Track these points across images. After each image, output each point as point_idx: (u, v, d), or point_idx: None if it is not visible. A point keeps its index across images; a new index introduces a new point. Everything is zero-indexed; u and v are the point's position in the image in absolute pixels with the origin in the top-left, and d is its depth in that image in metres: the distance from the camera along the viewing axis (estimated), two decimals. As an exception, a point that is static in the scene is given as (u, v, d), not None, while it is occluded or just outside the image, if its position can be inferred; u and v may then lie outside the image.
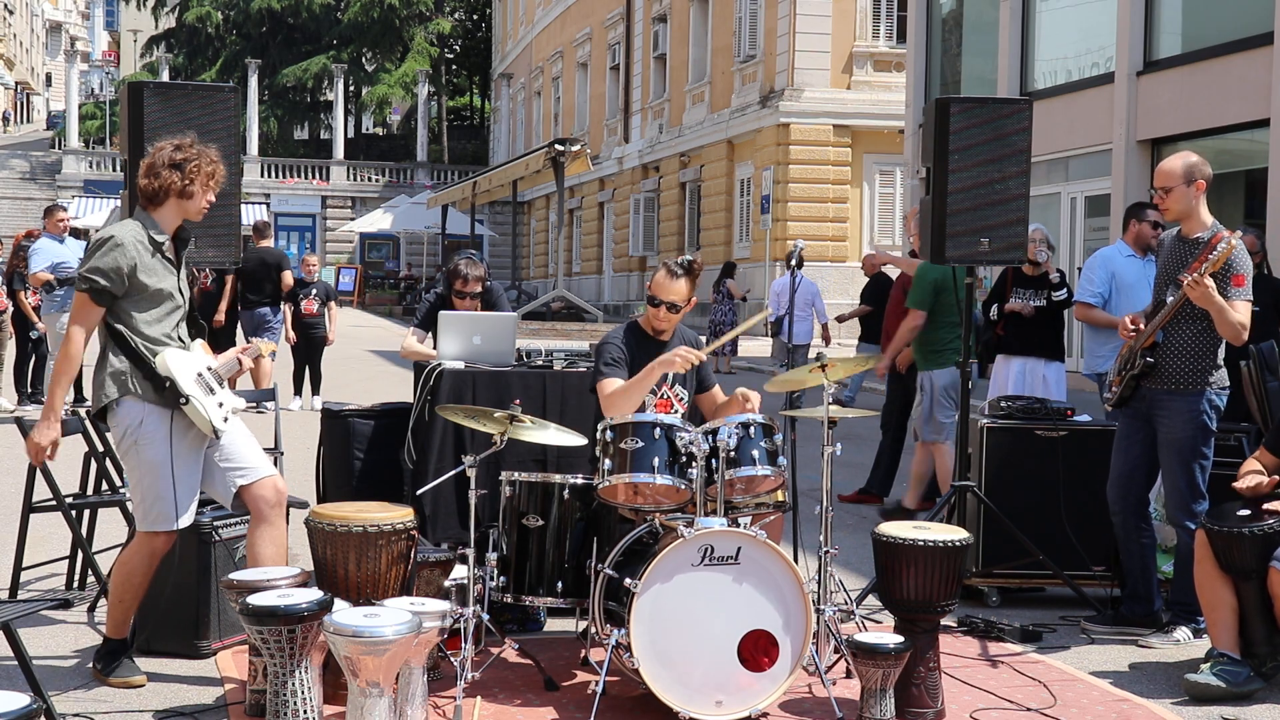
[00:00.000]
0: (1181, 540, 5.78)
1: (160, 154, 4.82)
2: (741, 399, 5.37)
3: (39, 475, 5.87)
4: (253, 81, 50.78)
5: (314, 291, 14.49)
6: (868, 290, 12.67)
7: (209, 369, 4.93)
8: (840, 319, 15.29)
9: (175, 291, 4.86)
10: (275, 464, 7.07)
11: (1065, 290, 8.23)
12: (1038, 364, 8.43)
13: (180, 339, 4.88)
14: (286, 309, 14.33)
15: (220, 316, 14.60)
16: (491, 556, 5.06)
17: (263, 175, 49.91)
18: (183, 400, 4.70)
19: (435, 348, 6.53)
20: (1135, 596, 5.98)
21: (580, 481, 5.12)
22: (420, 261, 44.54)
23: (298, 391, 14.66)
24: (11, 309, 13.65)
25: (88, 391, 12.93)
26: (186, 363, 4.83)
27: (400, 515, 4.78)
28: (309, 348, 14.50)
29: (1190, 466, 5.70)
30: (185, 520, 4.85)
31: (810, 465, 6.17)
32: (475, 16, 60.43)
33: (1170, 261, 5.81)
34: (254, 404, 8.80)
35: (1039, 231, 8.50)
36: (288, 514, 5.89)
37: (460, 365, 6.24)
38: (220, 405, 4.85)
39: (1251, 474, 5.46)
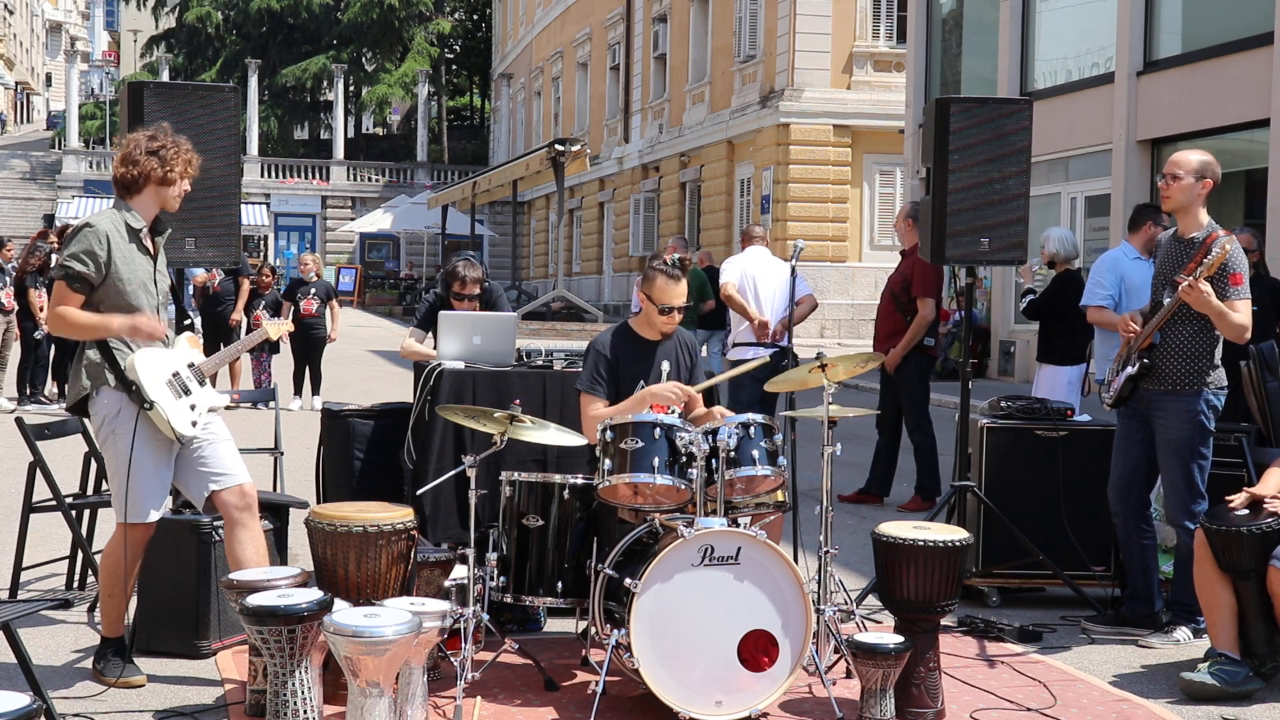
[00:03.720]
0: (1181, 540, 5.78)
1: (136, 143, 4.81)
2: (719, 415, 5.41)
3: (39, 475, 5.88)
4: (253, 81, 50.77)
5: (313, 291, 14.50)
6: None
7: (190, 366, 4.92)
8: None
9: (151, 281, 4.85)
10: (275, 464, 7.09)
11: (1026, 302, 8.36)
12: (1041, 368, 8.50)
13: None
14: (287, 307, 14.36)
15: (237, 315, 14.67)
16: (491, 556, 5.06)
17: (263, 175, 49.90)
18: (146, 406, 4.69)
19: (435, 348, 6.53)
20: (1136, 596, 5.98)
21: (580, 481, 5.12)
22: (420, 261, 44.54)
23: (298, 391, 14.67)
24: (18, 308, 13.67)
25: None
26: (159, 363, 4.81)
27: (400, 515, 4.78)
28: (309, 347, 14.51)
29: (1189, 466, 5.70)
30: (156, 514, 4.86)
31: (810, 465, 6.18)
32: (475, 16, 60.41)
33: (1167, 262, 5.81)
34: (253, 403, 8.82)
35: (1045, 238, 8.53)
36: (286, 514, 5.91)
37: (460, 365, 6.24)
38: (193, 408, 4.83)
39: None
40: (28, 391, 13.93)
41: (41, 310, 13.63)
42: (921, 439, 8.95)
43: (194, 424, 4.83)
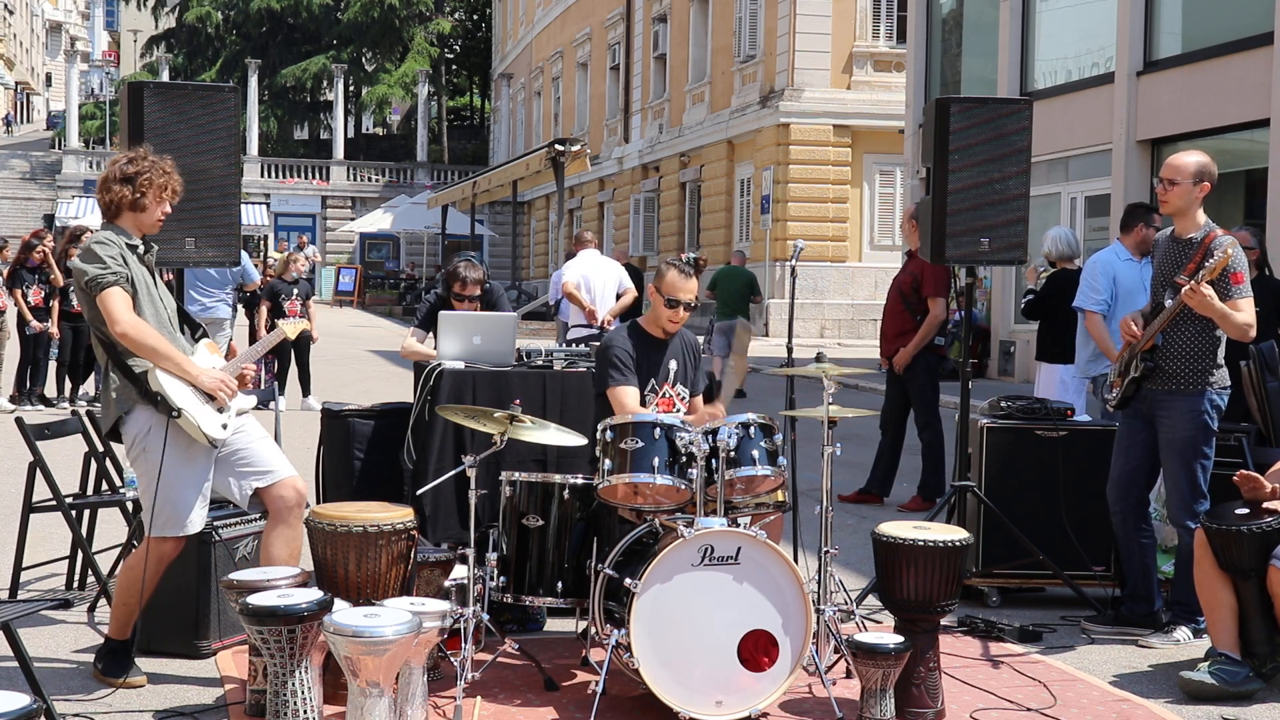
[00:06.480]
0: (1183, 540, 5.78)
1: (113, 168, 4.84)
2: (708, 417, 5.44)
3: (39, 475, 5.88)
4: (253, 81, 50.75)
5: (296, 292, 14.48)
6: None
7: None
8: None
9: (158, 297, 4.87)
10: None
11: (1025, 301, 8.47)
12: (1041, 367, 8.51)
13: (177, 344, 4.86)
14: (264, 307, 14.28)
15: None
16: (491, 556, 5.06)
17: (263, 175, 49.88)
18: (174, 414, 4.70)
19: (435, 348, 6.53)
20: (1135, 596, 5.98)
21: (580, 481, 5.12)
22: (420, 261, 44.53)
23: (281, 391, 14.62)
24: (11, 308, 13.66)
25: (87, 386, 12.88)
26: None
27: (400, 515, 4.78)
28: (296, 347, 14.43)
29: (1192, 466, 5.70)
30: (194, 526, 4.86)
31: (810, 465, 6.18)
32: (475, 16, 60.40)
33: (1165, 263, 5.81)
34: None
35: (1045, 237, 8.55)
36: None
37: (460, 365, 6.24)
38: (221, 411, 4.84)
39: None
40: (26, 390, 13.93)
41: (34, 309, 13.65)
42: (931, 438, 8.96)
43: (224, 426, 4.83)
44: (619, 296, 12.08)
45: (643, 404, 5.52)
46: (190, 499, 4.82)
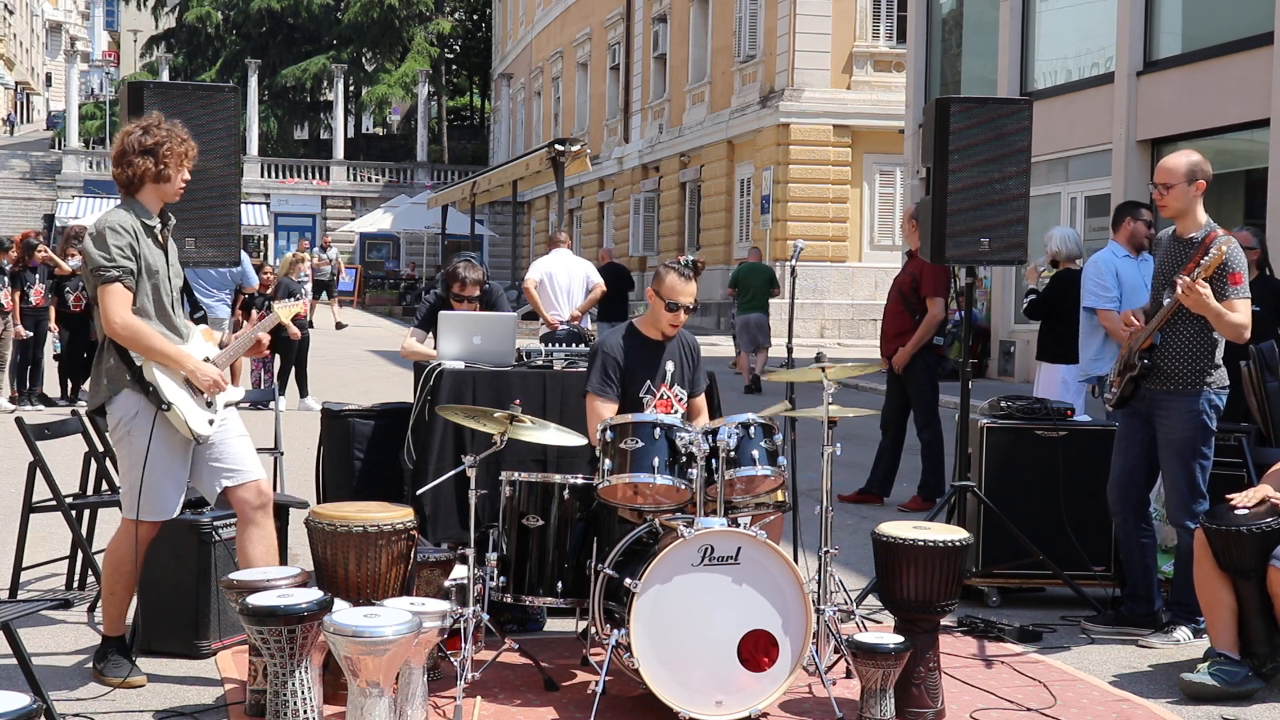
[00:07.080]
0: (1182, 540, 5.78)
1: (129, 139, 4.77)
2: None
3: (39, 475, 5.88)
4: (253, 81, 50.74)
5: (307, 292, 14.52)
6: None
7: (205, 360, 4.92)
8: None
9: (167, 277, 4.86)
10: (275, 464, 7.08)
11: (1028, 301, 8.51)
12: (1041, 367, 8.51)
13: (176, 328, 4.87)
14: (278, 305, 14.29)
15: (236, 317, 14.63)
16: (491, 556, 5.06)
17: (263, 175, 49.86)
18: (164, 406, 4.70)
19: (435, 348, 6.53)
20: (1135, 596, 5.99)
21: (580, 481, 5.12)
22: (420, 261, 44.52)
23: (281, 392, 14.61)
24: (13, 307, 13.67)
25: (87, 386, 12.89)
26: None
27: (400, 515, 4.78)
28: (295, 347, 14.42)
29: (1190, 466, 5.70)
30: (169, 512, 4.87)
31: (810, 465, 6.17)
32: (475, 16, 60.40)
33: (1167, 262, 5.81)
34: (252, 403, 8.81)
35: (1048, 236, 8.55)
36: (286, 514, 5.91)
37: (460, 365, 6.24)
38: (209, 405, 4.85)
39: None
40: (25, 390, 13.93)
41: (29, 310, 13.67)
42: (930, 438, 8.97)
43: (211, 422, 4.84)
44: (588, 292, 12.39)
45: (640, 406, 5.53)
46: (171, 487, 4.83)
